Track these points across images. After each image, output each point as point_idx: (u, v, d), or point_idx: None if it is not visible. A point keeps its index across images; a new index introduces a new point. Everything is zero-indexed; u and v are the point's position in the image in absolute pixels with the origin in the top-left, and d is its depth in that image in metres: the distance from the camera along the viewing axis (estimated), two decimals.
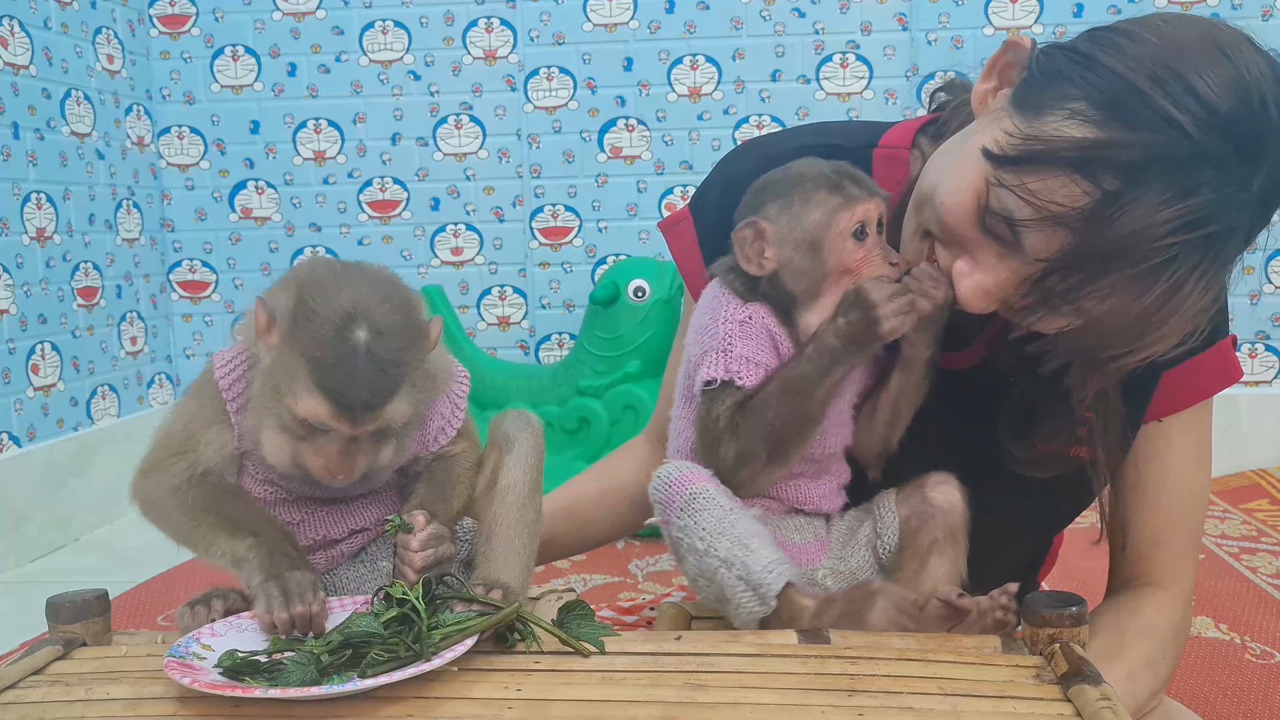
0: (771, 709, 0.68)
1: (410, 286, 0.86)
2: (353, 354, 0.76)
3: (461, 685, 0.72)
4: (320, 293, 0.79)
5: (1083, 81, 0.77)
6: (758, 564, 0.83)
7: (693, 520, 0.84)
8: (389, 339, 0.78)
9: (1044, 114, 0.78)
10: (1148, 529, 0.98)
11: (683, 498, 0.85)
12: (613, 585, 2.04)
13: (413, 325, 0.81)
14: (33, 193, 2.35)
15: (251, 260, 2.87)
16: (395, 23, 2.76)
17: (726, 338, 0.89)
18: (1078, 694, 0.69)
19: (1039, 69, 0.81)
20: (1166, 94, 0.73)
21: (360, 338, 0.77)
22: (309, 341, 0.77)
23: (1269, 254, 2.66)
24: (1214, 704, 1.43)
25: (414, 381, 0.80)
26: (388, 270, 0.86)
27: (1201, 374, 0.96)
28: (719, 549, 0.83)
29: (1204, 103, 0.73)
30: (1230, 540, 2.20)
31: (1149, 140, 0.73)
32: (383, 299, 0.80)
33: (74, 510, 2.40)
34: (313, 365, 0.77)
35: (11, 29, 2.29)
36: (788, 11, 2.69)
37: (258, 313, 0.80)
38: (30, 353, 2.33)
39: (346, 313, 0.77)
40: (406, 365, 0.79)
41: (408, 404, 0.80)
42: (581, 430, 2.38)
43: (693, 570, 0.86)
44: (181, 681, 0.69)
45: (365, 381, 0.77)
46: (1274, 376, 2.69)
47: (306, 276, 0.81)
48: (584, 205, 2.79)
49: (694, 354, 0.93)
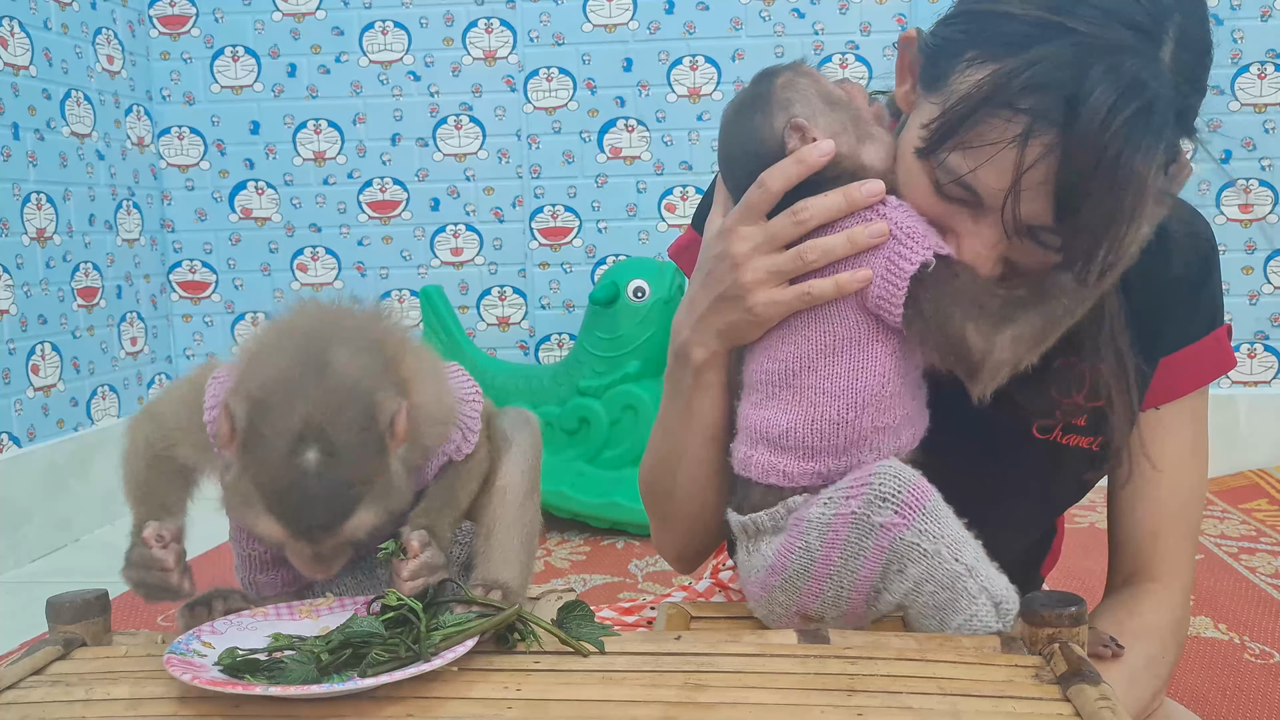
0: (771, 709, 0.68)
1: (379, 379, 0.78)
2: (302, 480, 0.73)
3: (461, 685, 0.72)
4: (269, 411, 0.74)
5: (968, 36, 0.81)
6: (1002, 581, 0.81)
7: (936, 525, 0.80)
8: (343, 458, 0.74)
9: (948, 79, 0.81)
10: (1146, 521, 0.99)
11: (929, 500, 0.80)
12: (612, 585, 2.04)
13: (371, 438, 0.76)
14: (33, 193, 2.35)
15: (251, 261, 2.87)
16: (395, 23, 2.77)
17: (894, 227, 0.83)
18: (1077, 694, 0.69)
19: (930, 48, 0.85)
20: (1056, 11, 0.77)
21: (310, 461, 0.73)
22: (258, 467, 0.74)
23: (1269, 254, 2.66)
24: (1213, 704, 1.43)
25: (378, 492, 0.76)
26: (360, 341, 0.80)
27: (1200, 361, 0.97)
28: (964, 556, 0.80)
29: (1094, 6, 0.76)
30: (1229, 540, 2.20)
31: (1051, 51, 0.76)
32: (337, 411, 0.74)
33: (74, 510, 2.40)
34: (262, 492, 0.74)
35: (11, 29, 2.29)
36: (787, 12, 2.69)
37: (220, 420, 0.76)
38: (30, 353, 2.34)
39: (296, 434, 0.73)
40: (364, 483, 0.75)
41: (372, 515, 0.77)
42: (581, 430, 2.39)
43: (918, 575, 0.81)
44: (182, 678, 0.69)
45: (319, 507, 0.74)
46: (1273, 376, 2.70)
47: (260, 385, 0.76)
48: (584, 206, 2.79)
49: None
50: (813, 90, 0.89)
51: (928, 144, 0.82)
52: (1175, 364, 0.96)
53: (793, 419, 0.86)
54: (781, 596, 0.86)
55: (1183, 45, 0.78)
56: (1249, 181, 2.64)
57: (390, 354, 0.81)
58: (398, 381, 0.80)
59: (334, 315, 0.83)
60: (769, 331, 0.89)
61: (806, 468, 0.86)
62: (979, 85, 0.78)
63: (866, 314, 0.85)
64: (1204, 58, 0.81)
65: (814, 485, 0.86)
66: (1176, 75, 0.78)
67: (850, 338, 0.85)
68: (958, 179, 0.81)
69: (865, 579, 0.83)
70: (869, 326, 0.85)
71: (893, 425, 0.86)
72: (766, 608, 0.89)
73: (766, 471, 0.88)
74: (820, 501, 0.84)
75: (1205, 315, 0.97)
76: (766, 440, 0.88)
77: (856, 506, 0.81)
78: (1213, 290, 0.97)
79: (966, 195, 0.82)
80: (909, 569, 0.81)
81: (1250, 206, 2.65)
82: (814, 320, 0.86)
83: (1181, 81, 0.78)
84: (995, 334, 0.81)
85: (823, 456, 0.86)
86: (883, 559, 0.81)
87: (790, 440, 0.86)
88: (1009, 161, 0.77)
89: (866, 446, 0.85)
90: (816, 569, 0.84)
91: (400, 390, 0.79)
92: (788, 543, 0.85)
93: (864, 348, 0.85)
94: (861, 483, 0.82)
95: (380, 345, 0.81)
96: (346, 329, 0.81)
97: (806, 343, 0.86)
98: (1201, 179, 2.64)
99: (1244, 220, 2.66)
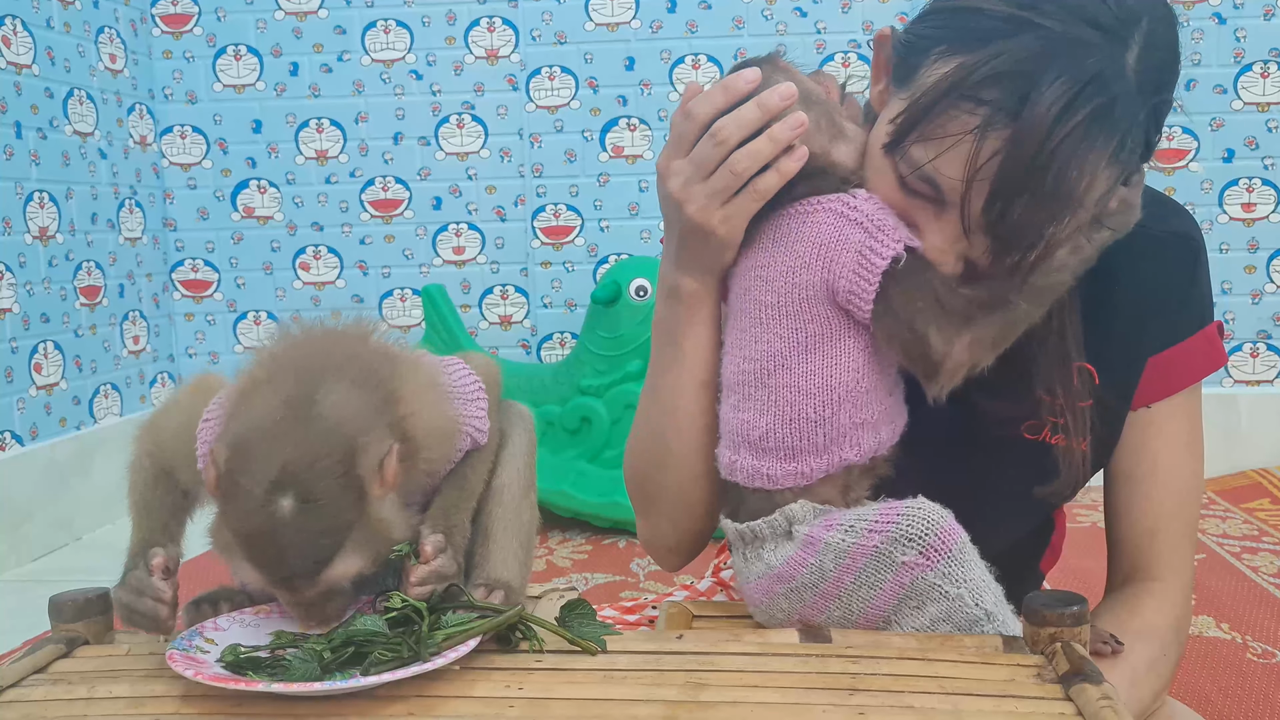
0: (772, 708, 0.68)
1: (370, 413, 0.77)
2: (278, 530, 0.72)
3: (463, 684, 0.72)
4: (248, 459, 0.74)
5: (938, 32, 0.81)
6: (1018, 626, 0.80)
7: (961, 569, 0.80)
8: (319, 507, 0.73)
9: (917, 73, 0.82)
10: (1143, 520, 0.99)
11: (956, 544, 0.79)
12: (614, 584, 2.04)
13: (350, 486, 0.74)
14: (35, 192, 2.35)
15: (253, 260, 2.87)
16: (397, 22, 2.77)
17: (864, 220, 0.83)
18: (1079, 693, 0.69)
19: (903, 46, 0.85)
20: (1025, 7, 0.77)
21: (285, 510, 0.72)
22: (234, 515, 0.74)
23: (1270, 253, 2.66)
24: (1215, 703, 1.43)
25: (360, 539, 0.75)
26: (352, 373, 0.78)
27: (1189, 359, 0.97)
28: (984, 600, 0.80)
29: (1064, 4, 0.77)
30: (1231, 540, 2.20)
31: (1014, 45, 0.76)
32: (315, 458, 0.73)
33: (76, 509, 2.40)
34: (239, 540, 0.74)
35: (14, 28, 2.29)
36: (789, 11, 2.69)
37: (207, 468, 0.76)
38: (33, 352, 2.34)
39: (272, 482, 0.72)
40: (343, 530, 0.74)
41: (355, 562, 0.75)
42: (583, 429, 2.39)
43: (936, 614, 0.80)
44: (185, 674, 0.69)
45: (295, 556, 0.73)
46: (1275, 376, 2.69)
47: (242, 430, 0.75)
48: (586, 204, 2.79)
49: (832, 267, 0.83)
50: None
51: (893, 137, 0.82)
52: (1164, 363, 0.96)
53: (770, 420, 0.86)
54: (784, 603, 0.86)
55: (1148, 50, 0.78)
56: (1251, 181, 2.64)
57: (384, 380, 0.79)
58: (393, 417, 0.78)
59: (324, 345, 0.82)
60: (739, 327, 0.88)
61: (789, 469, 0.86)
62: (944, 77, 0.78)
63: (837, 309, 0.84)
64: (1171, 65, 0.81)
65: (798, 486, 0.86)
66: (1140, 79, 0.78)
67: (821, 333, 0.85)
68: (918, 170, 0.81)
69: (877, 607, 0.82)
70: (839, 322, 0.84)
71: (871, 421, 0.85)
72: (767, 613, 0.88)
73: (752, 476, 0.87)
74: (842, 527, 0.82)
75: (1193, 314, 0.97)
76: (748, 443, 0.87)
77: (879, 541, 0.80)
78: (1200, 289, 0.97)
79: (928, 189, 0.82)
80: (928, 607, 0.81)
81: (1253, 206, 2.65)
82: (785, 317, 0.85)
83: (1145, 86, 0.78)
84: (956, 336, 0.81)
85: (804, 456, 0.85)
86: (899, 594, 0.81)
87: (771, 441, 0.86)
88: (968, 154, 0.78)
89: (847, 444, 0.85)
90: (826, 588, 0.83)
91: (395, 426, 0.78)
92: (800, 557, 0.84)
93: (835, 343, 0.85)
94: (888, 519, 0.81)
95: (373, 374, 0.79)
96: (336, 360, 0.79)
97: (779, 339, 0.86)
98: (1204, 178, 2.64)
99: (1246, 220, 2.65)
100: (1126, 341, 0.94)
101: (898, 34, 0.86)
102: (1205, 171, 2.64)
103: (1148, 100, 0.79)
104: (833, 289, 0.83)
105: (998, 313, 0.82)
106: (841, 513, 0.85)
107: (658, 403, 0.97)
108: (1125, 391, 0.96)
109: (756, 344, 0.87)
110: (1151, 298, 0.94)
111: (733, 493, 0.90)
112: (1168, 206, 0.97)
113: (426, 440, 0.80)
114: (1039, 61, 0.75)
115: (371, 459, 0.75)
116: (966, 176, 0.78)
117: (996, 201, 0.78)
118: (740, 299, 0.89)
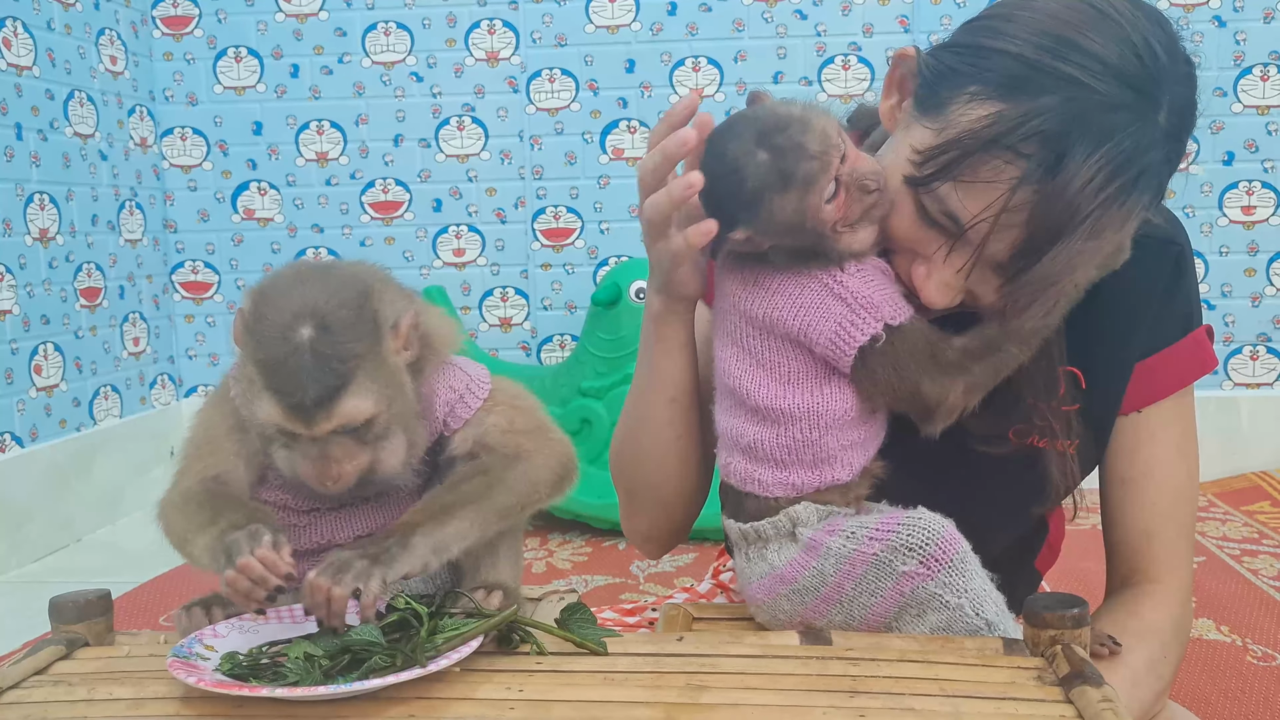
0: (773, 710, 0.68)
1: (390, 286, 0.85)
2: (295, 352, 0.76)
3: (464, 686, 0.72)
4: (270, 296, 0.79)
5: (973, 69, 0.81)
6: (1020, 634, 0.81)
7: (962, 580, 0.80)
8: (335, 334, 0.77)
9: (946, 108, 0.82)
10: (1139, 522, 0.99)
11: (957, 554, 0.80)
12: (614, 586, 2.04)
13: (365, 320, 0.79)
14: (36, 193, 2.36)
15: (254, 261, 2.87)
16: (398, 24, 2.77)
17: (848, 295, 0.84)
18: (1079, 695, 0.69)
19: (929, 71, 0.85)
20: (1058, 57, 0.78)
21: (304, 336, 0.76)
22: (256, 345, 0.78)
23: (1270, 256, 2.66)
24: (1215, 706, 1.43)
25: (373, 375, 0.79)
26: (374, 270, 0.85)
27: (1177, 363, 0.98)
28: (985, 611, 0.81)
29: (1096, 58, 0.77)
30: (1231, 542, 2.20)
31: (1056, 102, 0.77)
32: (332, 295, 0.78)
33: (76, 510, 2.40)
34: (260, 368, 0.77)
35: (15, 30, 2.29)
36: (790, 13, 2.69)
37: (236, 320, 0.81)
38: (33, 353, 2.34)
39: (293, 313, 0.77)
40: (357, 359, 0.78)
41: (368, 399, 0.78)
42: (583, 431, 2.39)
43: (937, 623, 0.81)
44: (186, 681, 0.69)
45: (310, 379, 0.76)
46: (1275, 379, 2.69)
47: (268, 281, 0.82)
48: (586, 207, 2.79)
49: (809, 332, 0.84)
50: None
51: (923, 173, 0.82)
52: (1152, 367, 0.97)
53: (759, 432, 0.87)
54: (787, 605, 0.86)
55: (1174, 109, 0.80)
56: (1251, 184, 2.64)
57: (401, 288, 0.86)
58: (406, 295, 0.85)
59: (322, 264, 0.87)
60: (723, 344, 0.89)
61: (780, 478, 0.86)
62: (983, 123, 0.79)
63: (817, 357, 0.85)
64: (1191, 113, 0.82)
65: (788, 495, 0.86)
66: (1166, 134, 0.80)
67: (804, 373, 0.86)
68: (946, 210, 0.82)
69: (877, 613, 0.83)
70: (823, 366, 0.86)
71: (860, 441, 0.87)
72: (769, 613, 0.88)
73: (744, 480, 0.88)
74: (843, 533, 0.83)
75: (1180, 318, 0.98)
76: (739, 448, 0.88)
77: (879, 550, 0.81)
78: (1187, 292, 0.98)
79: (949, 224, 0.83)
80: (929, 615, 0.81)
81: (1253, 209, 2.65)
82: (767, 352, 0.87)
83: (1170, 137, 0.80)
84: (951, 384, 0.83)
85: (795, 469, 0.86)
86: (900, 601, 0.82)
87: (761, 451, 0.87)
88: (996, 200, 0.79)
89: (838, 463, 0.86)
90: (827, 592, 0.84)
91: (410, 299, 0.85)
92: (802, 559, 0.84)
93: (821, 382, 0.86)
94: (888, 528, 0.81)
95: (387, 280, 0.86)
96: (339, 268, 0.85)
97: (762, 370, 0.87)
98: (1204, 181, 2.64)
99: (1246, 223, 2.65)
100: (1112, 346, 0.94)
101: (923, 57, 0.86)
102: (1205, 174, 2.64)
103: (1169, 148, 0.81)
104: (809, 341, 0.85)
105: (988, 359, 0.84)
106: (845, 518, 0.85)
107: (634, 408, 1.03)
108: (1113, 395, 0.96)
109: (736, 364, 0.88)
110: (1136, 303, 0.95)
111: (731, 494, 0.90)
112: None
113: (430, 340, 0.85)
114: (1078, 125, 0.77)
115: (386, 306, 0.81)
116: (994, 221, 0.79)
117: (1024, 251, 0.80)
118: (723, 319, 0.90)
